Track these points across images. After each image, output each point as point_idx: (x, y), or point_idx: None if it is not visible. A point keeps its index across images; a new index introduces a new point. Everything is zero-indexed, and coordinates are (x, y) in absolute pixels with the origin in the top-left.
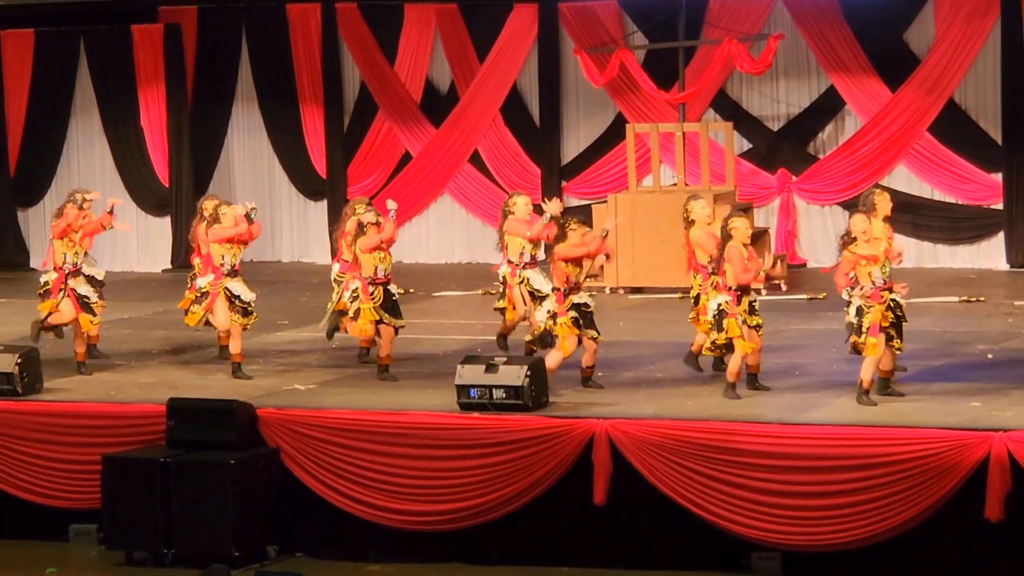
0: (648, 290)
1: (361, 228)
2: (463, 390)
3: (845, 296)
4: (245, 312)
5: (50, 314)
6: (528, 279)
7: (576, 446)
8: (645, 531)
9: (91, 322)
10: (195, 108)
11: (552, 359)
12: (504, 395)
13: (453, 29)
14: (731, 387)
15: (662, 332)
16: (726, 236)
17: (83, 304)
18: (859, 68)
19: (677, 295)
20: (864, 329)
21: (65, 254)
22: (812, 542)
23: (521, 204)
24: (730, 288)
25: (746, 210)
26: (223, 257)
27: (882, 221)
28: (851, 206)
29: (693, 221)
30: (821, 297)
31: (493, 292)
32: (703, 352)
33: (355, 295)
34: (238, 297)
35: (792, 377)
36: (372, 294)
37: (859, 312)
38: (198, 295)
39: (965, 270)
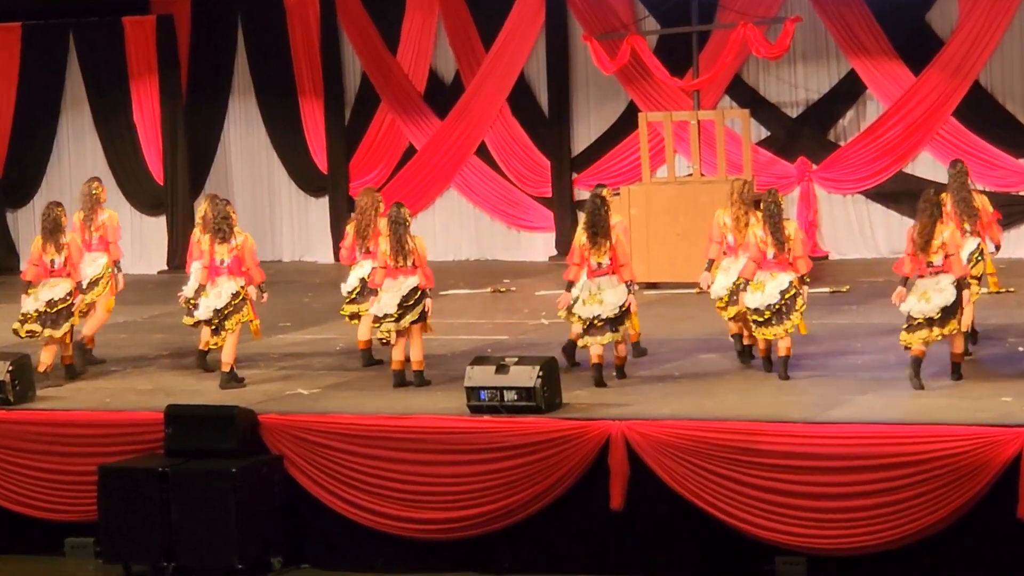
0: (664, 285)
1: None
2: (473, 392)
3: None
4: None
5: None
6: None
7: (591, 449)
8: (664, 536)
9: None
10: (190, 102)
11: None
12: (516, 397)
13: (457, 16)
14: (784, 366)
15: (679, 329)
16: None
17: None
18: (880, 51)
19: (694, 291)
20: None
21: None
22: (838, 545)
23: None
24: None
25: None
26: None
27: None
28: (875, 195)
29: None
30: (844, 290)
31: (503, 290)
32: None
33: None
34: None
35: (815, 374)
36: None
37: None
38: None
39: (994, 260)
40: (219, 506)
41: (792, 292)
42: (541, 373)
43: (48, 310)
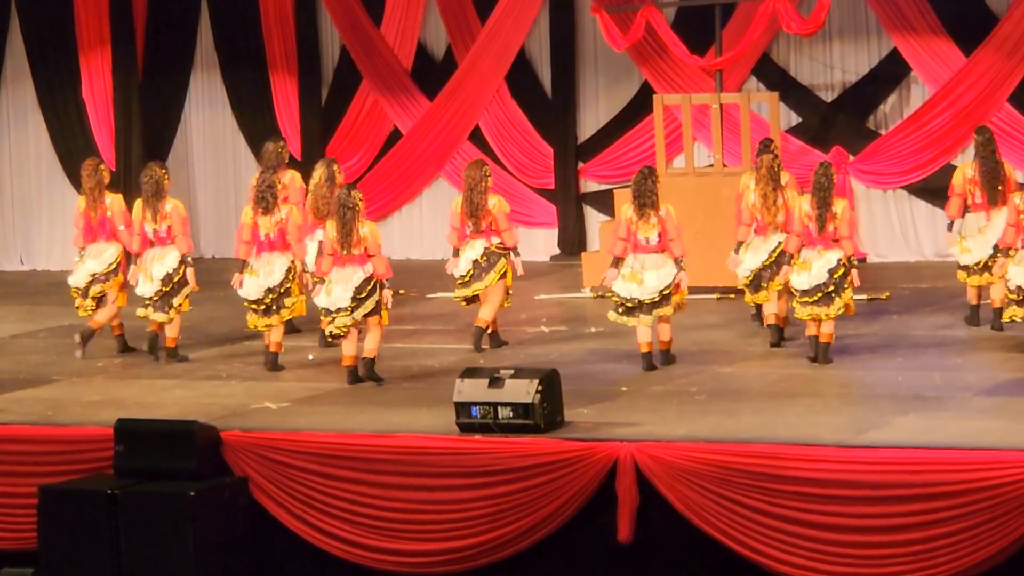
0: None
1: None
2: (463, 408)
3: None
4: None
5: None
6: None
7: (596, 473)
8: (677, 572)
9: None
10: (146, 78)
11: None
12: (511, 414)
13: None
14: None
15: (697, 339)
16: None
17: None
18: (927, 28)
19: (715, 295)
20: None
21: None
22: None
23: None
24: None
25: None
26: None
27: None
28: (919, 190)
29: None
30: (883, 297)
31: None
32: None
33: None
34: None
35: (849, 392)
36: None
37: None
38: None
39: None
40: (175, 533)
41: (841, 271)
42: (540, 387)
43: (165, 289)
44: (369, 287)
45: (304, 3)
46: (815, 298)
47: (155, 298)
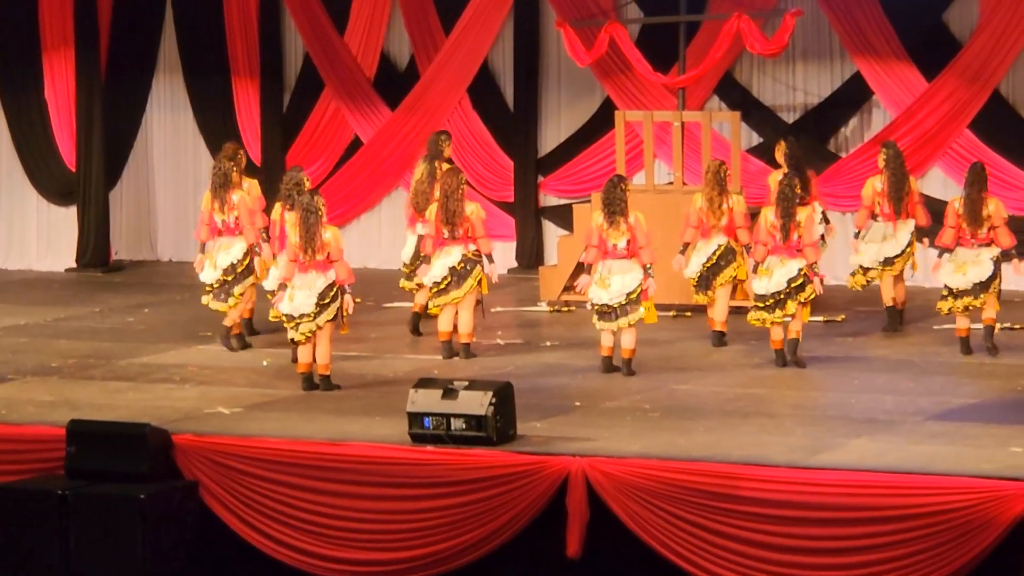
0: None
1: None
2: (416, 419)
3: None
4: None
5: None
6: None
7: (547, 488)
8: None
9: None
10: (109, 80)
11: None
12: (464, 426)
13: None
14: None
15: (653, 356)
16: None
17: None
18: (890, 52)
19: (671, 313)
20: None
21: None
22: None
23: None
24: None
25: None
26: None
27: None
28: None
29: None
30: (839, 320)
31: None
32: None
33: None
34: None
35: (803, 413)
36: None
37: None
38: None
39: (1008, 292)
40: (124, 536)
41: (800, 281)
42: (494, 400)
43: (227, 278)
44: (332, 293)
45: (268, 9)
46: (767, 303)
47: (215, 286)
